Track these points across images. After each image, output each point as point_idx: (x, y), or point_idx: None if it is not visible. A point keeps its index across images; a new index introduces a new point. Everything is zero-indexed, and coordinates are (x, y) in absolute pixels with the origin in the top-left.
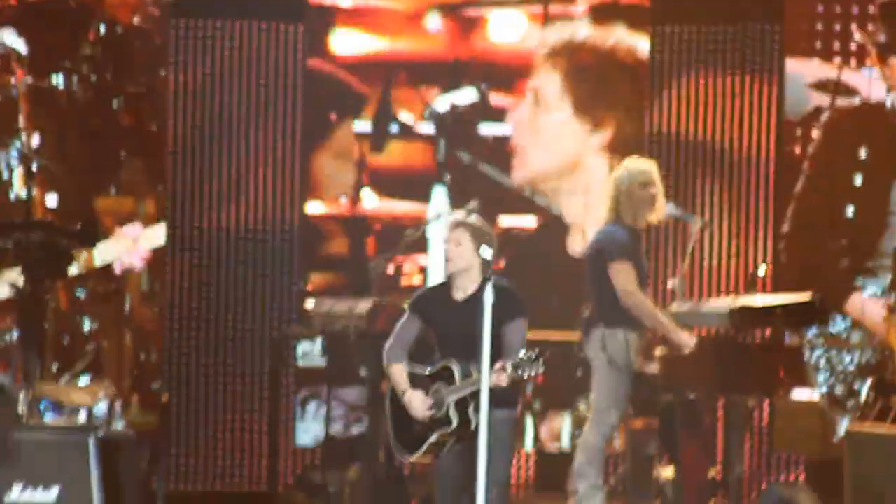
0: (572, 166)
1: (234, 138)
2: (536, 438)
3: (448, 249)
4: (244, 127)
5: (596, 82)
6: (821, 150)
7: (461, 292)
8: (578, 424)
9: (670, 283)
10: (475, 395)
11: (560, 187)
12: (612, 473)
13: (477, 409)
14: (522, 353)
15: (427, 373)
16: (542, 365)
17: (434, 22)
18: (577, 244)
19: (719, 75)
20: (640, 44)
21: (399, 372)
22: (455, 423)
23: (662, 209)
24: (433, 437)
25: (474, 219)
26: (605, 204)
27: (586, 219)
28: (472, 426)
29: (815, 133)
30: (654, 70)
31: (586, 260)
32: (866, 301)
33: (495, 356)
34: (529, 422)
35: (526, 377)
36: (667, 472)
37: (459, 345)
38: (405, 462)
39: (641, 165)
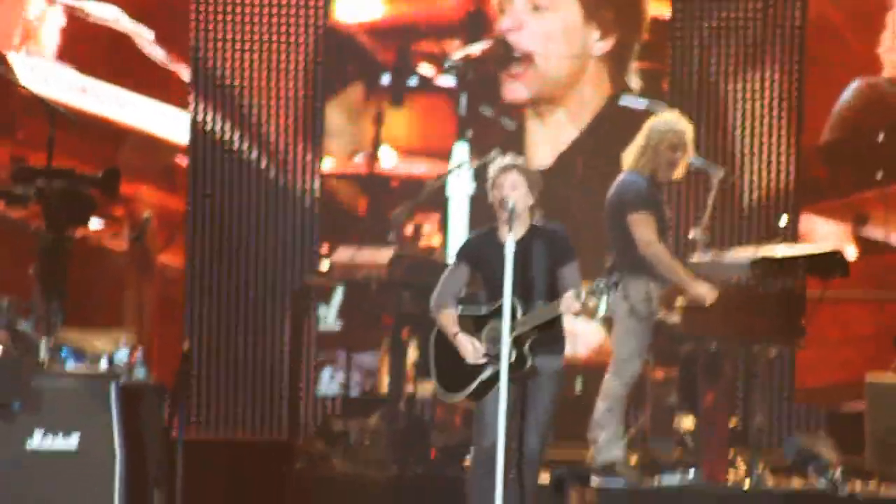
0: (576, 76)
1: (254, 94)
2: None
3: (502, 193)
4: (264, 82)
5: None
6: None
7: (511, 236)
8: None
9: (691, 234)
10: (531, 335)
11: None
12: (633, 423)
13: (532, 349)
14: (599, 281)
15: (483, 312)
16: (614, 293)
17: None
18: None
19: (740, 26)
20: None
21: (449, 315)
22: (511, 359)
23: (684, 172)
24: (486, 375)
25: (523, 161)
26: (629, 152)
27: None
28: (528, 364)
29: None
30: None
31: (607, 209)
32: None
33: (552, 299)
34: None
35: (601, 304)
36: (687, 421)
37: (514, 287)
38: (453, 402)
39: (678, 126)
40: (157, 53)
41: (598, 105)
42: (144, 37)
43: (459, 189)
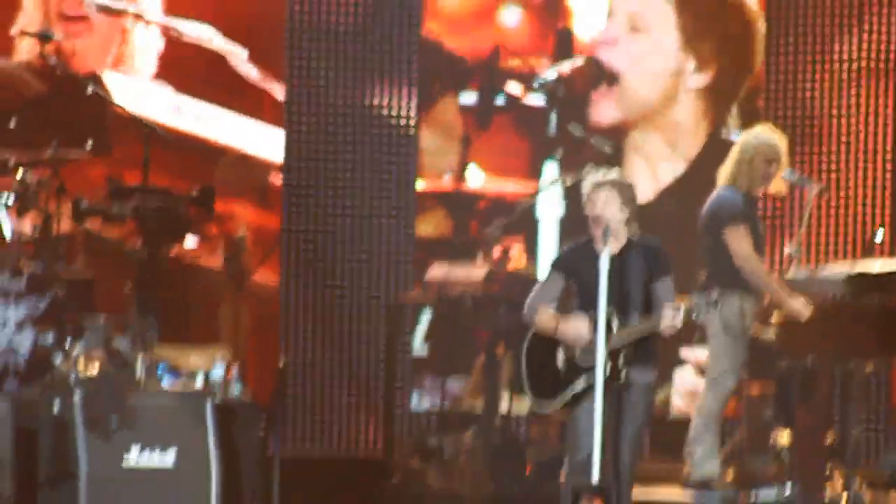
0: (669, 102)
1: (348, 110)
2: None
3: (595, 211)
4: (358, 99)
5: (707, 17)
6: None
7: (606, 251)
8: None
9: (787, 249)
10: (626, 348)
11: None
12: (729, 439)
13: (627, 361)
14: (699, 298)
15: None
16: (716, 309)
17: None
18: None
19: (836, 37)
20: None
21: (546, 312)
22: (606, 372)
23: (781, 186)
24: (579, 386)
25: (617, 176)
26: (724, 167)
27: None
28: (622, 378)
29: None
30: (771, 21)
31: (701, 223)
32: None
33: (646, 311)
34: None
35: (700, 319)
36: (783, 437)
37: (608, 300)
38: (545, 412)
39: (771, 139)
40: (251, 72)
41: (697, 138)
42: (238, 55)
43: (549, 211)
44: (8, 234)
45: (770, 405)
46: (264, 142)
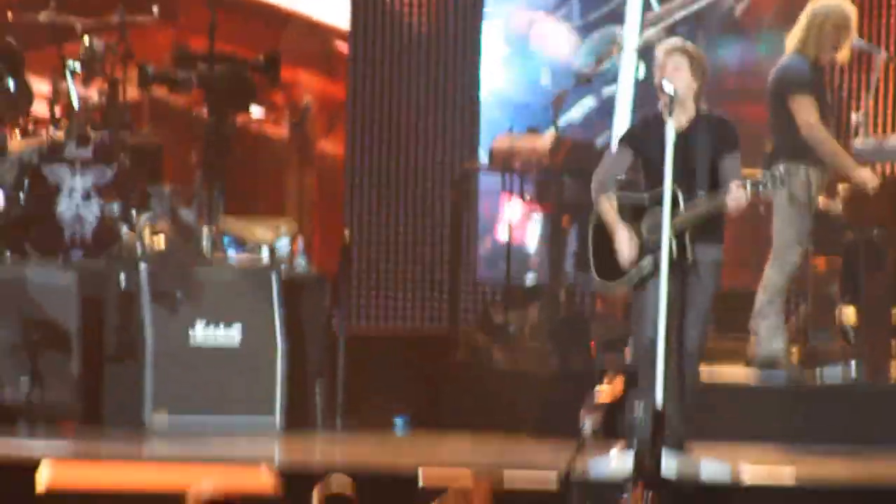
0: None
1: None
2: None
3: (666, 76)
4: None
5: None
6: None
7: (676, 122)
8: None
9: (854, 118)
10: (692, 225)
11: None
12: (794, 313)
13: (693, 240)
14: (766, 172)
15: (645, 200)
16: (784, 187)
17: None
18: None
19: None
20: None
21: (609, 206)
22: (672, 251)
23: (848, 55)
24: (646, 265)
25: (690, 44)
26: (793, 34)
27: None
28: (688, 257)
29: None
30: None
31: (767, 91)
32: None
33: (714, 189)
34: None
35: (767, 196)
36: (849, 313)
37: (675, 176)
38: (611, 291)
39: (843, 8)
40: None
41: None
42: None
43: (626, 73)
44: (75, 101)
45: (836, 280)
46: (331, 8)
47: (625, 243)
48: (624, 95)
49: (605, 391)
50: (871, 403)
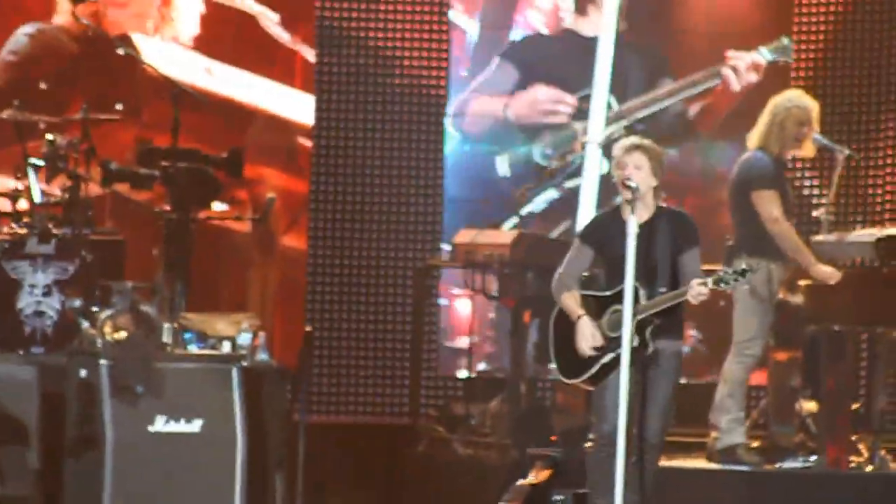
0: None
1: (378, 75)
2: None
3: (625, 174)
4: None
5: None
6: None
7: (636, 218)
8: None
9: (816, 213)
10: (653, 319)
11: None
12: (755, 406)
13: (655, 334)
14: (727, 269)
15: (608, 294)
16: (746, 283)
17: None
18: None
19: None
20: None
21: (571, 299)
22: (633, 344)
23: (810, 150)
24: (606, 359)
25: (649, 142)
26: (755, 129)
27: None
28: (649, 349)
29: None
30: None
31: (730, 187)
32: None
33: (673, 284)
34: None
35: (729, 290)
36: (809, 404)
37: (636, 271)
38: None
39: (804, 102)
40: (283, 35)
41: None
42: (269, 18)
43: (590, 168)
44: (37, 197)
45: (797, 372)
46: (294, 105)
47: (587, 336)
48: (588, 190)
49: (528, 482)
50: (831, 490)
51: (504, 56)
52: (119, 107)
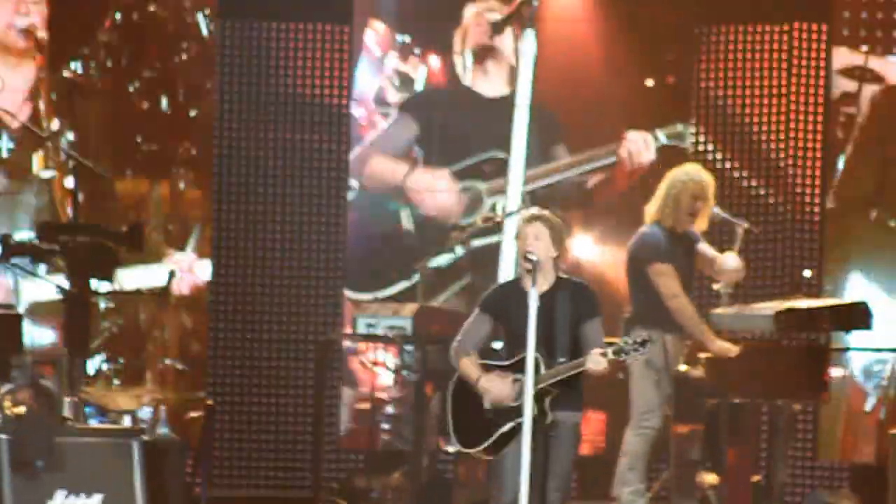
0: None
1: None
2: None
3: (526, 244)
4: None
5: None
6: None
7: (536, 289)
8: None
9: (716, 287)
10: (552, 390)
11: None
12: (656, 478)
13: (553, 404)
14: (626, 339)
15: (507, 364)
16: (646, 353)
17: None
18: None
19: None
20: None
21: (470, 362)
22: (533, 414)
23: (705, 223)
24: (505, 428)
25: (549, 213)
26: (651, 204)
27: None
28: (548, 420)
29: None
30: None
31: (627, 261)
32: None
33: (573, 354)
34: None
35: (628, 361)
36: (710, 477)
37: (536, 342)
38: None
39: (700, 176)
40: None
41: None
42: None
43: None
44: None
45: (698, 445)
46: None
47: (497, 386)
48: (507, 254)
49: None
50: None
51: (403, 109)
52: None
